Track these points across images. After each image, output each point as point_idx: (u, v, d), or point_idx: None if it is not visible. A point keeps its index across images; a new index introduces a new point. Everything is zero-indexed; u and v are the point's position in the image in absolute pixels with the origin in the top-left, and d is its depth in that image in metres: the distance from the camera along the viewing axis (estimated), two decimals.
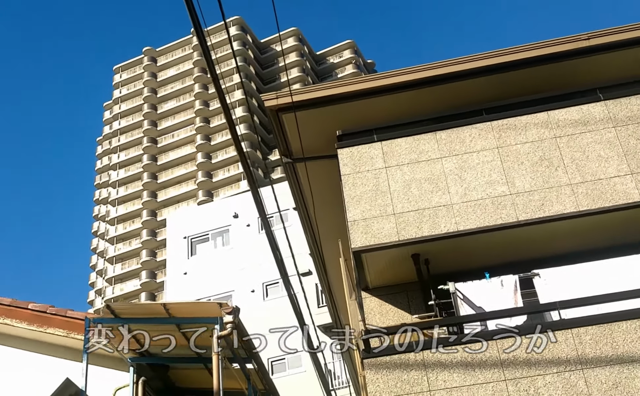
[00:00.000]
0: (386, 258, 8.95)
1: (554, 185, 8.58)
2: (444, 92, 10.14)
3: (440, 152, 9.23)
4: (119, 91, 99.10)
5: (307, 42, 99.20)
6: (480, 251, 8.78)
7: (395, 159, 9.27)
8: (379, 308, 9.18)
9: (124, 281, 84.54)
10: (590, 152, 8.76)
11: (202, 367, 10.01)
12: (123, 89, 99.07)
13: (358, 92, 10.30)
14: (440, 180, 8.98)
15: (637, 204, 8.31)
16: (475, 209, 8.65)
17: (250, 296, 31.67)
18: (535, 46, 10.03)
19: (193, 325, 9.25)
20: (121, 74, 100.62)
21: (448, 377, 7.18)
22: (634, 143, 8.72)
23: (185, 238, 34.75)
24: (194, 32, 5.85)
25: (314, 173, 10.86)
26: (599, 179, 8.52)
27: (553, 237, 8.64)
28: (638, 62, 9.90)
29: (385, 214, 8.84)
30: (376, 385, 7.24)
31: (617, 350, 7.08)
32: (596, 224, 8.50)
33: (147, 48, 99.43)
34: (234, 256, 33.29)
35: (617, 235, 8.63)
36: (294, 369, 28.96)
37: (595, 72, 9.98)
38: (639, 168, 8.52)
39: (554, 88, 9.94)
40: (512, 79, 10.05)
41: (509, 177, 8.78)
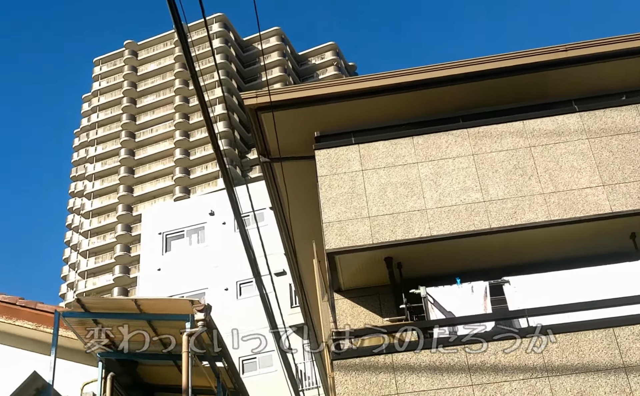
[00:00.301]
0: (360, 261, 8.98)
1: (526, 194, 8.67)
2: (422, 97, 10.20)
3: (417, 157, 9.29)
4: (99, 83, 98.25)
5: (290, 42, 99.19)
6: (453, 256, 8.85)
7: (372, 162, 9.31)
8: (351, 310, 9.21)
9: (96, 275, 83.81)
10: (564, 162, 8.87)
11: (171, 364, 9.96)
12: (103, 82, 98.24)
13: (337, 94, 10.33)
14: (416, 184, 9.03)
15: (607, 216, 8.43)
16: (449, 215, 8.71)
17: (223, 294, 31.60)
18: (513, 55, 10.13)
19: (164, 321, 9.21)
20: (101, 66, 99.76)
21: (416, 381, 7.22)
22: (607, 155, 8.84)
23: (160, 234, 34.58)
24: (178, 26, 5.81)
25: (291, 173, 10.87)
26: (571, 190, 8.63)
27: (524, 245, 8.73)
28: (614, 75, 10.02)
29: (360, 217, 8.88)
30: (345, 386, 7.26)
31: (583, 359, 7.17)
32: (567, 234, 8.60)
33: (128, 41, 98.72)
34: (208, 253, 33.20)
35: (587, 246, 8.74)
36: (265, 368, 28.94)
37: (572, 84, 10.10)
38: (611, 180, 8.64)
39: (530, 97, 10.05)
40: (490, 87, 10.14)
41: (483, 184, 8.86)
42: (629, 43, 9.94)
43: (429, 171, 9.11)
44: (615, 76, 10.02)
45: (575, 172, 8.76)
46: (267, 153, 10.83)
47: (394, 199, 8.95)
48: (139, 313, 9.20)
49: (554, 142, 9.06)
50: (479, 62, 10.13)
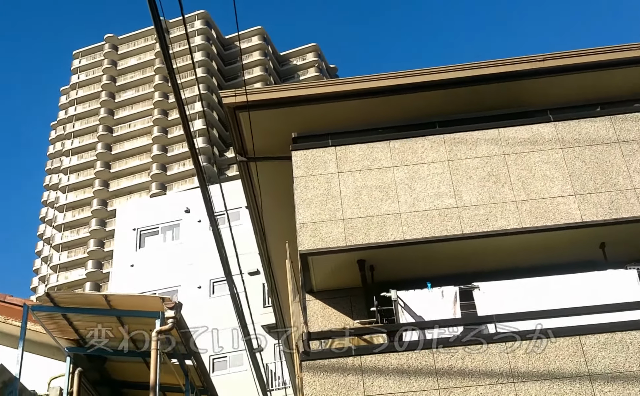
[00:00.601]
0: (332, 263, 8.99)
1: (499, 201, 8.74)
2: (399, 102, 10.24)
3: (393, 161, 9.32)
4: (77, 77, 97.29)
5: (272, 42, 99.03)
6: (425, 260, 8.89)
7: (348, 165, 9.33)
8: (322, 312, 9.21)
9: (69, 269, 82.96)
10: (537, 171, 8.95)
11: (140, 361, 9.92)
12: (82, 75, 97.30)
13: (315, 96, 10.34)
14: (391, 188, 9.07)
15: (578, 225, 8.52)
16: (422, 219, 8.75)
17: (196, 292, 31.46)
18: (490, 64, 10.20)
19: (134, 318, 9.16)
20: (81, 59, 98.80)
21: (383, 383, 7.24)
22: (580, 165, 8.94)
23: (135, 230, 34.32)
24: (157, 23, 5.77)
25: (267, 173, 10.87)
26: (543, 198, 8.71)
27: (496, 252, 8.79)
28: (590, 86, 10.13)
29: (334, 219, 8.90)
30: (313, 387, 7.26)
31: (549, 366, 7.24)
32: (538, 242, 8.68)
33: (109, 35, 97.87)
34: (182, 251, 33.03)
35: (558, 254, 8.83)
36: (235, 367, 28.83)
37: (548, 93, 10.20)
38: (582, 190, 8.73)
39: (507, 106, 10.14)
40: (467, 94, 10.21)
41: (457, 190, 8.91)
42: (605, 55, 10.06)
43: (404, 175, 9.15)
44: (590, 87, 10.14)
45: (548, 180, 8.85)
46: (244, 152, 10.81)
47: (369, 202, 8.97)
48: (108, 309, 9.14)
49: (528, 150, 9.15)
50: (456, 69, 10.19)
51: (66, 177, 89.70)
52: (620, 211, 8.53)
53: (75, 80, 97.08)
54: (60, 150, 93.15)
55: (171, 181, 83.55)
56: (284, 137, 10.05)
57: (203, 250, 31.04)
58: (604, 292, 8.06)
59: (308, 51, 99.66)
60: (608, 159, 8.96)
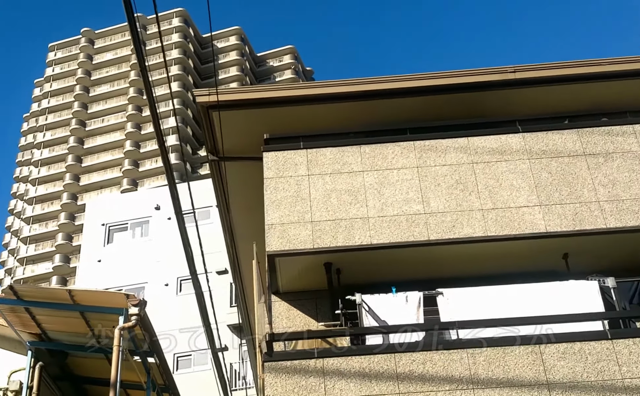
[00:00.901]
0: (299, 265, 9.01)
1: (466, 209, 8.82)
2: (372, 107, 10.30)
3: (363, 165, 9.37)
4: (52, 69, 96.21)
5: (249, 43, 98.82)
6: (391, 265, 8.95)
7: (319, 168, 9.35)
8: (287, 313, 9.22)
9: (36, 262, 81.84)
10: (504, 180, 9.05)
11: (102, 357, 9.83)
12: (56, 68, 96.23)
13: (288, 98, 10.36)
14: (360, 193, 9.11)
15: (542, 235, 8.63)
16: (390, 224, 8.81)
17: (163, 289, 31.23)
18: (463, 73, 10.30)
19: (97, 313, 9.08)
20: (56, 52, 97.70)
21: (345, 386, 7.27)
22: (546, 176, 9.06)
23: (104, 226, 33.97)
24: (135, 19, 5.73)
25: (238, 173, 10.85)
26: (509, 207, 8.81)
27: (461, 259, 8.88)
28: (559, 99, 10.26)
29: (303, 221, 8.91)
30: (274, 388, 7.26)
31: (508, 374, 7.33)
32: (503, 250, 8.78)
33: (85, 29, 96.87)
34: (151, 248, 32.76)
35: (521, 263, 8.94)
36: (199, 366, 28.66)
37: (518, 104, 10.33)
38: (548, 200, 8.85)
39: (477, 115, 10.24)
40: (438, 102, 10.29)
41: (425, 197, 8.98)
42: (573, 69, 10.21)
43: (374, 180, 9.20)
44: (559, 100, 10.28)
45: (514, 190, 8.95)
46: (216, 151, 10.78)
47: (338, 205, 9.00)
48: (72, 304, 9.06)
49: (496, 159, 9.25)
50: (429, 77, 10.27)
51: (37, 169, 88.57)
52: (583, 223, 8.66)
53: (50, 72, 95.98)
54: (32, 142, 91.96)
55: (143, 177, 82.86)
56: (256, 137, 10.04)
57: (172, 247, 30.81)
58: (565, 302, 8.17)
59: (285, 53, 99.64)
60: (574, 171, 9.09)
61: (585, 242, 8.77)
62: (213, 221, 28.01)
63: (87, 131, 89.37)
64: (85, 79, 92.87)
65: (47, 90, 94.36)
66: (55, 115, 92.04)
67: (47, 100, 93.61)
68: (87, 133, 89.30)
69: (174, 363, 28.55)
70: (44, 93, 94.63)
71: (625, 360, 7.39)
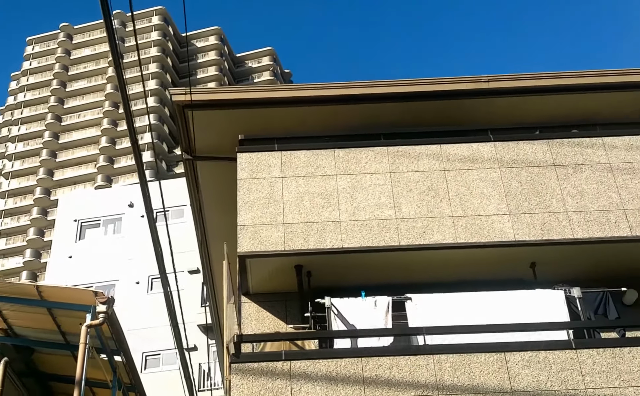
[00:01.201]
0: (270, 266, 9.01)
1: (437, 215, 8.89)
2: (347, 111, 10.32)
3: (337, 169, 9.40)
4: (29, 63, 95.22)
5: (228, 43, 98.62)
6: (361, 269, 8.98)
7: (292, 170, 9.37)
8: (257, 315, 9.21)
9: (6, 257, 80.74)
10: (475, 188, 9.13)
11: (68, 354, 9.73)
12: (34, 62, 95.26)
13: (263, 100, 10.36)
14: (333, 196, 9.13)
15: (510, 243, 8.72)
16: (361, 229, 8.84)
17: (134, 287, 30.98)
18: (437, 81, 10.38)
19: (64, 310, 9.00)
20: (34, 46, 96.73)
21: (311, 389, 7.27)
22: (515, 185, 9.16)
23: (76, 221, 33.61)
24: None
25: (212, 173, 10.83)
26: (479, 215, 8.89)
27: (430, 264, 8.93)
28: (531, 109, 10.38)
29: (275, 223, 8.92)
30: (240, 390, 7.25)
31: (474, 380, 7.38)
32: (472, 257, 8.86)
33: (64, 24, 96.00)
34: (123, 245, 32.48)
35: (490, 270, 9.02)
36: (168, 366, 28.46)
37: (490, 113, 10.40)
38: (517, 209, 8.95)
39: (450, 123, 10.31)
40: (413, 108, 10.34)
41: (396, 202, 9.03)
42: (547, 80, 10.33)
43: (347, 184, 9.23)
44: (532, 110, 10.40)
45: (485, 198, 9.04)
46: (190, 150, 10.74)
47: (310, 208, 9.02)
48: (39, 299, 8.96)
49: (468, 167, 9.33)
50: (404, 83, 10.32)
51: (10, 163, 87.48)
52: (551, 233, 8.76)
53: (27, 66, 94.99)
54: (7, 136, 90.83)
55: (117, 174, 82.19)
56: (230, 138, 10.03)
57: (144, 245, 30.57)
58: (532, 311, 8.26)
59: (264, 54, 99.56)
60: (543, 181, 9.20)
61: (552, 252, 8.88)
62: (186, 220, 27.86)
63: (62, 126, 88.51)
64: (62, 74, 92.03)
65: (24, 83, 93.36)
66: (31, 109, 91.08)
67: (23, 93, 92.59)
68: (62, 128, 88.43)
69: (142, 361, 28.33)
70: (20, 86, 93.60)
71: (588, 370, 7.48)
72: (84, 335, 8.28)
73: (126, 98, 6.96)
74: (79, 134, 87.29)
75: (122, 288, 30.54)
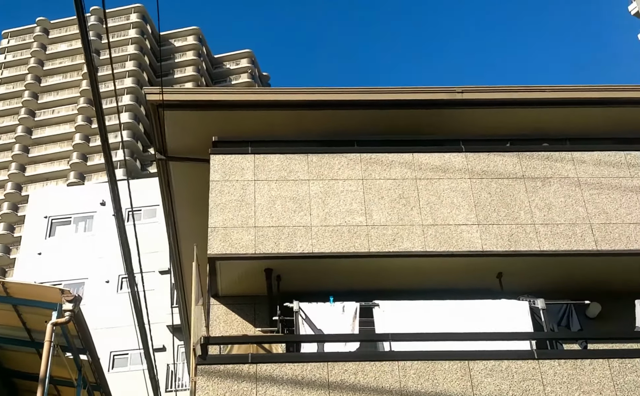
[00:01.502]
0: (240, 269, 9.01)
1: (407, 223, 8.97)
2: (321, 117, 10.37)
3: (309, 174, 9.44)
4: (4, 57, 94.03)
5: (207, 44, 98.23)
6: (331, 275, 9.03)
7: (265, 174, 9.39)
8: (225, 317, 9.21)
9: None
10: (445, 197, 9.23)
11: (33, 351, 9.64)
12: (9, 55, 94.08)
13: (237, 102, 10.39)
14: (305, 201, 9.17)
15: (478, 253, 8.83)
16: (332, 234, 8.89)
17: (104, 286, 30.70)
18: (411, 90, 10.48)
19: (30, 307, 8.92)
20: (9, 39, 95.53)
21: (276, 392, 7.29)
22: (485, 196, 9.27)
23: (46, 218, 33.24)
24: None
25: (185, 174, 10.81)
26: (448, 224, 8.99)
27: (399, 272, 9.01)
28: (503, 121, 10.49)
29: (246, 226, 8.93)
30: (205, 391, 7.24)
31: (437, 387, 7.46)
32: (440, 266, 8.95)
33: (41, 18, 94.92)
34: (94, 243, 32.18)
35: (457, 279, 9.12)
36: (136, 365, 28.24)
37: (463, 124, 10.53)
38: (485, 220, 9.06)
39: (423, 132, 10.42)
40: (386, 116, 10.42)
41: (368, 209, 9.09)
42: (519, 93, 10.47)
43: (319, 189, 9.28)
44: (503, 122, 10.51)
45: (454, 208, 9.14)
46: (164, 151, 10.72)
47: (282, 212, 9.05)
48: (5, 296, 8.87)
49: (439, 177, 9.43)
50: (378, 91, 10.41)
51: None
52: (518, 244, 8.88)
53: (1, 60, 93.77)
54: None
55: (90, 172, 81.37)
56: (204, 139, 10.03)
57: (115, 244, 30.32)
58: (497, 320, 8.36)
59: (242, 56, 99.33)
60: (512, 193, 9.33)
61: (519, 263, 9.01)
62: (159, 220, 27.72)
63: (36, 121, 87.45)
64: (37, 69, 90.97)
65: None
66: (4, 103, 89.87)
67: None
68: (36, 123, 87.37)
69: (110, 361, 28.09)
70: None
71: (550, 381, 7.59)
72: (49, 332, 8.22)
73: (97, 95, 6.94)
74: (53, 130, 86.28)
75: (92, 286, 30.25)
